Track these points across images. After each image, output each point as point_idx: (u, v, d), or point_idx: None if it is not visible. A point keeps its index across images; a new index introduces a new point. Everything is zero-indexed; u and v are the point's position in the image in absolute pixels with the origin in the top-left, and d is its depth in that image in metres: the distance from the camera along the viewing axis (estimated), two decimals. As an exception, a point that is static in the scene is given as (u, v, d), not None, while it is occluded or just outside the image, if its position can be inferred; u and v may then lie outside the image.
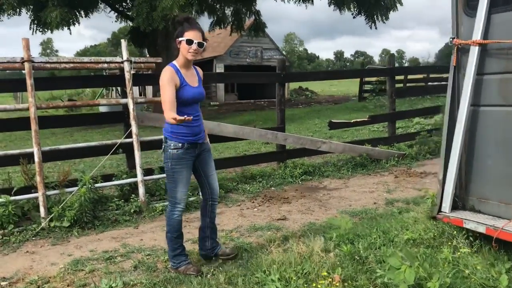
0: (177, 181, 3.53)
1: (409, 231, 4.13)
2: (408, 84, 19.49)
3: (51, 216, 4.89)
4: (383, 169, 7.53)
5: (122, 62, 5.59)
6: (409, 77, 19.91)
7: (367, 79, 22.16)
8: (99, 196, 5.38)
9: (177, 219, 3.61)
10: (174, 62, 3.47)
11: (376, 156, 7.76)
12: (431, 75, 23.56)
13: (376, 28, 17.96)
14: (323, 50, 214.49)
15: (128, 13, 18.86)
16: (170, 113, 3.19)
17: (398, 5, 17.09)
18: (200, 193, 4.04)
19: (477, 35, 3.67)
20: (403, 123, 11.55)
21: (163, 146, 3.56)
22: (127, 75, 5.56)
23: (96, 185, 5.26)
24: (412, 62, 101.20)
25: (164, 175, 5.80)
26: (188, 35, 3.34)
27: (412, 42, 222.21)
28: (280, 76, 7.08)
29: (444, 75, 22.18)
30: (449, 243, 3.73)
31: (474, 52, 3.70)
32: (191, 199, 5.70)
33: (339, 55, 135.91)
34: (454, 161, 3.83)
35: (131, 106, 5.59)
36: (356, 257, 3.58)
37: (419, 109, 12.07)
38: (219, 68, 29.07)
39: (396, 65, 11.31)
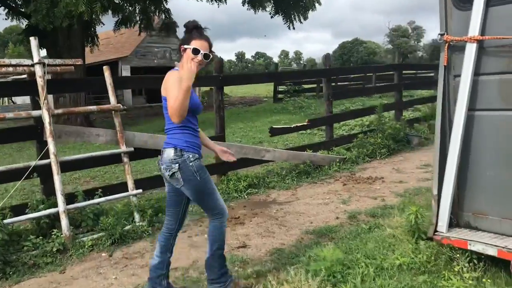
0: (213, 191, 3.14)
1: (397, 254, 3.63)
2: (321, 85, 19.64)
3: None
4: (327, 175, 7.11)
5: (32, 65, 4.51)
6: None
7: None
8: (9, 234, 4.24)
9: (225, 229, 3.24)
10: (177, 68, 3.07)
11: (319, 162, 7.31)
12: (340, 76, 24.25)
13: (294, 28, 17.80)
14: (224, 51, 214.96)
15: (22, 9, 16.74)
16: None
17: (316, 4, 17.01)
18: (166, 223, 3.32)
19: (474, 31, 3.24)
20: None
21: (176, 165, 2.98)
22: (40, 81, 4.48)
23: (5, 221, 4.14)
24: (309, 63, 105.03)
25: (92, 202, 4.85)
26: (195, 44, 2.97)
27: (308, 43, 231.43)
28: (218, 79, 6.30)
29: (351, 76, 23.00)
30: (453, 268, 3.26)
31: (471, 49, 3.27)
32: (126, 228, 4.76)
33: (240, 56, 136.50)
34: (451, 174, 3.38)
35: (46, 120, 4.53)
36: (358, 297, 2.98)
37: (355, 111, 12.05)
38: (125, 70, 27.29)
39: (294, 65, 11.15)
